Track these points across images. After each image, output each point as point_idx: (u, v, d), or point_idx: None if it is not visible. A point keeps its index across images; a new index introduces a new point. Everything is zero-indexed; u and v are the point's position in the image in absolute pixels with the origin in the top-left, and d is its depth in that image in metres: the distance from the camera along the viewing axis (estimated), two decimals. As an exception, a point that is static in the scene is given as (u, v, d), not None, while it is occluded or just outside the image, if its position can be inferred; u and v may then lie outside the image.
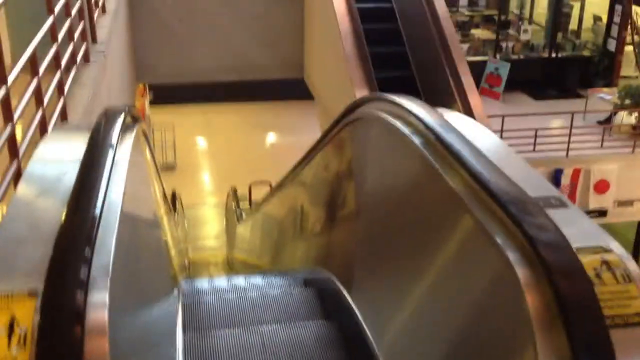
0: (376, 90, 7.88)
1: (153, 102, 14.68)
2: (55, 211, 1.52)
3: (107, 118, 2.23)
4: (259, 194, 11.51)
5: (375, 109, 2.65)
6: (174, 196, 10.77)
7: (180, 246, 9.09)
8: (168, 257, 3.66)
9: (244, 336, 2.81)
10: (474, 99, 7.47)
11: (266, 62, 10.23)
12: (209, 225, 12.76)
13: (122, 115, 2.30)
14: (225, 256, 11.39)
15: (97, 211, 1.52)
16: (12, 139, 2.95)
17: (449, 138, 2.02)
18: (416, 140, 2.21)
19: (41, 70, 3.65)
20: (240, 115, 16.55)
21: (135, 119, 2.69)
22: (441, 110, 2.41)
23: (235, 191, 10.95)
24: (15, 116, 3.04)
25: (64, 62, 4.26)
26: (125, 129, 2.29)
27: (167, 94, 13.88)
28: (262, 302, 3.39)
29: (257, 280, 4.29)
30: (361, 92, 7.67)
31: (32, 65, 3.48)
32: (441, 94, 8.00)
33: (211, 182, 14.08)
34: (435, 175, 1.98)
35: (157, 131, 13.97)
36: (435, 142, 2.08)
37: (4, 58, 2.95)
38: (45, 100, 3.68)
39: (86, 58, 5.17)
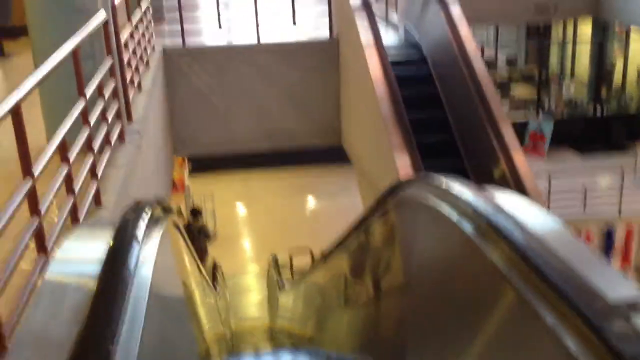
0: (416, 154, 7.69)
1: (192, 172, 14.77)
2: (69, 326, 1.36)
3: (133, 214, 2.09)
4: (299, 261, 11.31)
5: (420, 193, 2.46)
6: (214, 267, 10.64)
7: (221, 319, 8.88)
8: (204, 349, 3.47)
9: None
10: (518, 157, 7.19)
11: (303, 130, 10.16)
12: (251, 294, 12.54)
13: (149, 210, 2.16)
14: (267, 325, 11.12)
15: (115, 329, 1.37)
16: (38, 234, 2.83)
17: (504, 226, 1.81)
18: (466, 227, 2.00)
19: (73, 155, 3.57)
20: (279, 181, 16.52)
21: (166, 210, 2.54)
22: (491, 189, 2.19)
23: (276, 260, 10.76)
24: (43, 209, 2.93)
25: (97, 145, 4.18)
26: (152, 223, 2.15)
27: (206, 163, 13.94)
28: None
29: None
30: (401, 157, 7.49)
31: (62, 151, 3.39)
32: (484, 156, 7.77)
33: (252, 249, 13.93)
34: (492, 269, 1.77)
35: (197, 200, 13.98)
36: (488, 229, 1.88)
37: (28, 149, 2.86)
38: (78, 185, 3.58)
39: (121, 138, 5.11)
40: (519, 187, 6.90)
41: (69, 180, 3.39)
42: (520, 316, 1.65)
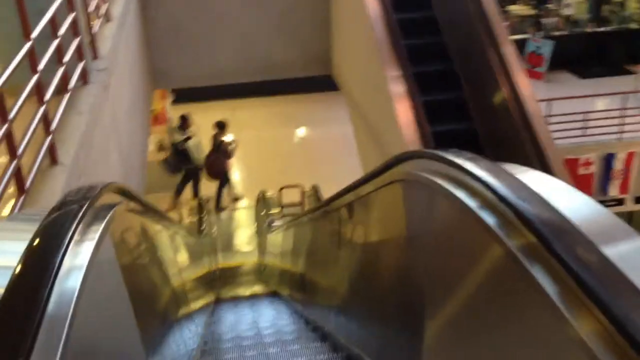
0: (412, 84, 7.15)
1: (175, 102, 14.15)
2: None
3: (59, 212, 1.62)
4: (290, 196, 10.91)
5: (428, 170, 1.99)
6: (199, 204, 10.25)
7: (207, 259, 8.56)
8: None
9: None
10: (521, 78, 6.66)
11: (292, 60, 9.53)
12: (240, 230, 12.20)
13: (85, 203, 1.68)
14: (256, 262, 10.87)
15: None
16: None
17: (536, 217, 1.37)
18: (487, 218, 1.55)
19: (14, 109, 3.06)
20: (267, 109, 15.94)
21: (121, 195, 2.07)
22: (512, 169, 1.71)
23: (264, 196, 10.36)
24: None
25: (50, 92, 3.65)
26: (91, 220, 1.68)
27: (190, 92, 13.29)
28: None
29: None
30: (396, 88, 6.96)
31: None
32: (484, 79, 7.24)
33: (240, 182, 13.50)
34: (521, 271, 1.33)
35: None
36: (516, 221, 1.43)
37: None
38: (23, 143, 3.09)
39: (84, 79, 4.56)
40: (521, 111, 6.44)
41: (9, 139, 2.89)
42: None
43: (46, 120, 3.47)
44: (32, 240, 1.42)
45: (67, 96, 3.98)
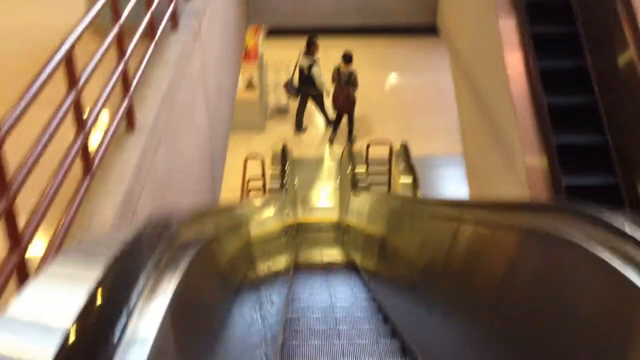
0: (530, 47, 6.27)
1: (269, 35, 13.60)
2: None
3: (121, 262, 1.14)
4: (377, 152, 10.31)
5: (578, 231, 1.48)
6: (284, 151, 9.81)
7: (286, 215, 8.17)
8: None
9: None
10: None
11: (396, 6, 8.77)
12: (322, 182, 11.71)
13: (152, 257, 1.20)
14: (337, 220, 10.42)
15: None
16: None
17: None
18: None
19: (91, 65, 2.58)
20: (364, 51, 15.17)
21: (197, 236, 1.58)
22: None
23: (350, 150, 9.79)
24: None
25: (133, 43, 3.17)
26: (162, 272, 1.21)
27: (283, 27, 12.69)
28: None
29: None
30: (512, 54, 6.14)
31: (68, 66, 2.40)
32: (610, 42, 6.25)
33: (328, 129, 12.95)
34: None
35: (271, 71, 12.94)
36: None
37: None
38: (96, 110, 2.64)
39: (173, 23, 4.07)
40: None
41: (77, 108, 2.43)
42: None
43: (125, 77, 3.00)
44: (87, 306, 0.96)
45: (152, 44, 3.49)
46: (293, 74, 12.03)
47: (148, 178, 2.94)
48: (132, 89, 3.06)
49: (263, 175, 10.03)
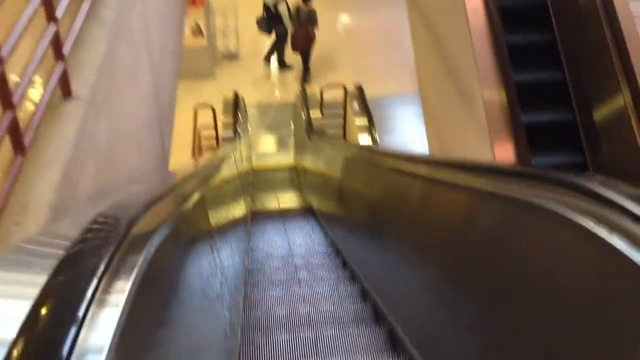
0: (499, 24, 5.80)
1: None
2: None
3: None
4: (331, 95, 10.14)
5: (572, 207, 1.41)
6: (235, 98, 9.55)
7: (242, 161, 8.03)
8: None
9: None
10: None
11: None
12: (277, 129, 11.49)
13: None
14: (293, 164, 10.30)
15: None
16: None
17: None
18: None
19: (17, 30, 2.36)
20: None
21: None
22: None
23: (305, 94, 9.59)
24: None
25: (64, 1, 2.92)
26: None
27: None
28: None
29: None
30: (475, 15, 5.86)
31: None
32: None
33: (278, 73, 12.66)
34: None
35: (219, 16, 12.52)
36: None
37: None
38: (25, 80, 2.42)
39: (108, -25, 3.78)
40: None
41: (2, 80, 2.21)
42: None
43: (57, 41, 2.77)
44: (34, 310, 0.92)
45: (88, 1, 3.24)
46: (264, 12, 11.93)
47: (89, 151, 2.75)
48: (65, 53, 2.82)
49: (215, 124, 9.79)
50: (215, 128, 9.76)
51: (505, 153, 4.85)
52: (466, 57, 5.40)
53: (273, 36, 12.04)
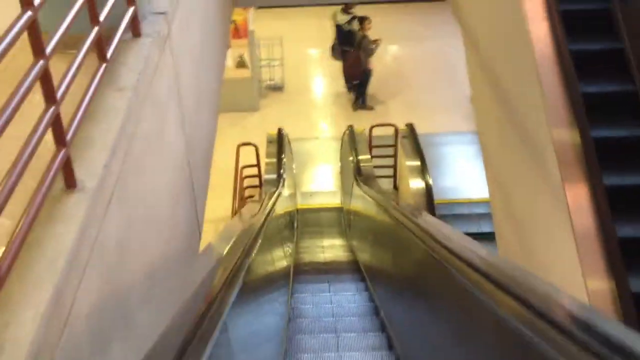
0: (560, 25, 5.29)
1: (258, 8, 12.76)
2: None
3: None
4: (382, 131, 9.53)
5: None
6: (279, 136, 9.09)
7: (288, 208, 7.54)
8: None
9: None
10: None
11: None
12: (323, 166, 10.93)
13: None
14: (338, 204, 9.74)
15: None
16: None
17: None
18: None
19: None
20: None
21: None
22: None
23: (352, 132, 9.06)
24: None
25: (76, 64, 2.45)
26: None
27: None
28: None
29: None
30: (538, 27, 5.24)
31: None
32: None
33: (325, 105, 12.17)
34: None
35: (264, 47, 12.12)
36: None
37: None
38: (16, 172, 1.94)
39: (134, 30, 3.32)
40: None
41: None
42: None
43: (57, 122, 2.29)
44: None
45: (102, 68, 2.76)
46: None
47: (91, 260, 2.25)
48: (69, 135, 2.34)
49: (258, 162, 9.32)
50: (258, 166, 9.30)
51: (583, 219, 4.22)
52: (536, 113, 4.75)
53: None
